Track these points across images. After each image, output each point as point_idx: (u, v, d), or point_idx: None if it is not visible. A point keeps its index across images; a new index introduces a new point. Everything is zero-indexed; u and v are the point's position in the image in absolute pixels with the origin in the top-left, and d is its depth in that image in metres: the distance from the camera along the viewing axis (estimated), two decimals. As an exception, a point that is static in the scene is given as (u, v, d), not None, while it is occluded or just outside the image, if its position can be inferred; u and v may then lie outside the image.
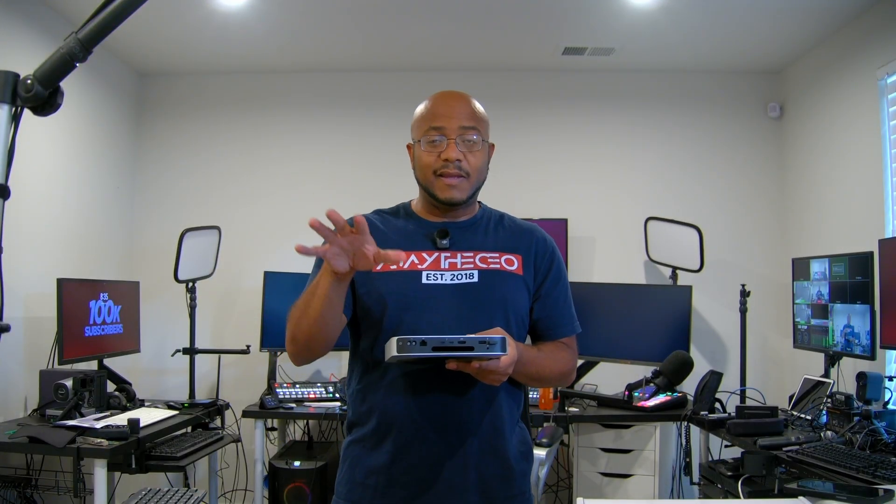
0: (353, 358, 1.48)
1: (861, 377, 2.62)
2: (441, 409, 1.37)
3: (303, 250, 1.20)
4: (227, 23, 3.47)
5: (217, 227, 3.79)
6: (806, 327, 3.16)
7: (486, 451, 1.39)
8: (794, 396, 3.05)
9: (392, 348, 1.22)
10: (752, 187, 4.13)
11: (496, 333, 1.27)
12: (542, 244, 1.52)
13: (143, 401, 3.32)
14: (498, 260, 1.46)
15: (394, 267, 1.40)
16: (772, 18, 3.40)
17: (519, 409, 1.49)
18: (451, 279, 1.42)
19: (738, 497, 2.54)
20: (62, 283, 2.96)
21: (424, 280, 1.41)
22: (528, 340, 1.53)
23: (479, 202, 1.58)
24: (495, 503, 1.40)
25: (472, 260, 1.45)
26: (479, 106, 1.50)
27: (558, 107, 4.22)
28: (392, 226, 1.51)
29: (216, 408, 3.43)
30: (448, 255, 1.45)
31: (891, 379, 2.68)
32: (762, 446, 2.50)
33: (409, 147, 1.53)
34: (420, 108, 1.50)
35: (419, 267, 1.42)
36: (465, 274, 1.42)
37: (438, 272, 1.42)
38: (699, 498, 3.17)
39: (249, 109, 4.25)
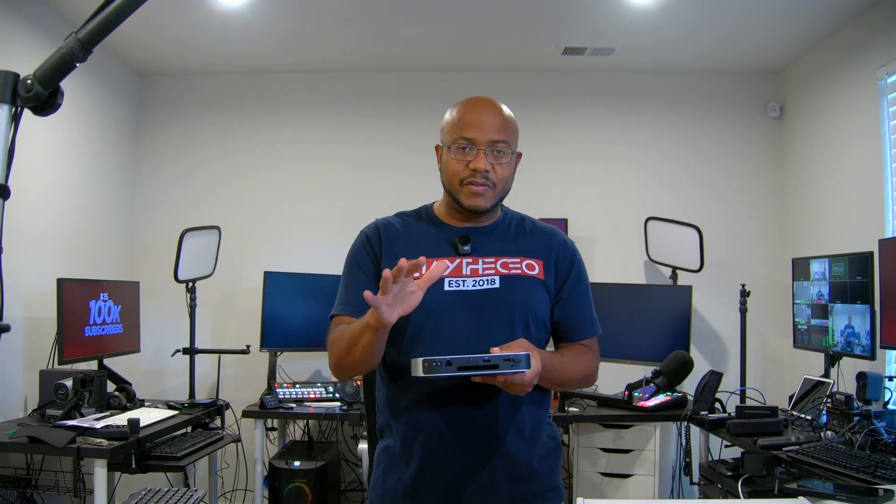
0: (380, 364, 1.49)
1: (861, 377, 2.62)
2: (466, 415, 1.38)
3: (371, 300, 1.22)
4: (227, 23, 3.47)
5: (217, 227, 3.79)
6: (806, 327, 3.16)
7: (512, 456, 1.40)
8: (794, 396, 3.05)
9: (418, 369, 1.23)
10: (752, 187, 4.13)
11: (520, 348, 1.28)
12: (562, 247, 1.53)
13: (143, 401, 3.32)
14: (519, 265, 1.47)
15: (416, 275, 1.41)
16: (772, 18, 3.40)
17: (544, 410, 1.50)
18: (473, 285, 1.42)
19: (738, 497, 2.54)
20: (62, 283, 2.95)
21: (447, 287, 1.42)
22: (550, 345, 1.53)
23: (501, 205, 1.58)
24: (527, 502, 1.42)
25: (493, 266, 1.45)
26: (510, 115, 1.50)
27: (558, 107, 4.22)
28: (414, 230, 1.51)
29: (216, 408, 3.42)
30: (470, 261, 1.45)
31: (891, 379, 2.68)
32: (762, 446, 2.50)
33: (437, 148, 1.53)
34: (452, 114, 1.49)
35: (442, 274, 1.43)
36: (487, 280, 1.43)
37: (460, 279, 1.43)
38: (699, 498, 3.17)
39: (249, 109, 4.25)
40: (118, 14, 1.09)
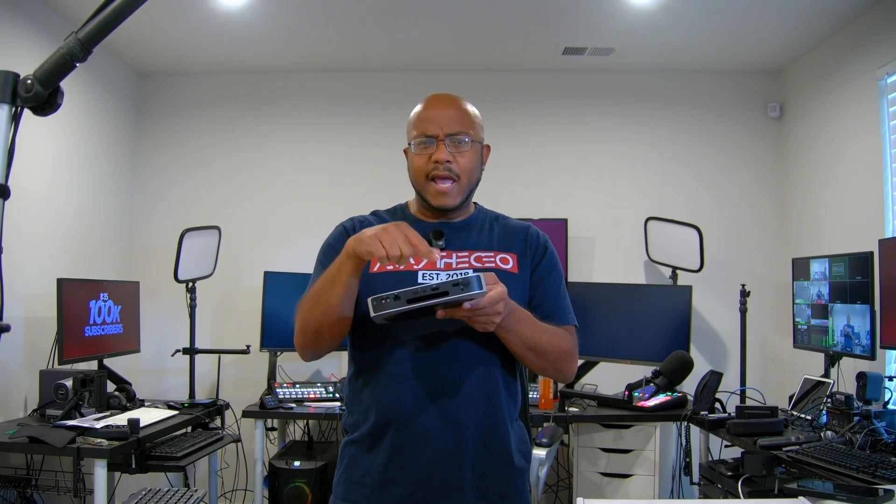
0: (350, 359, 1.50)
1: (861, 377, 2.62)
2: (437, 408, 1.37)
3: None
4: (227, 23, 3.47)
5: (217, 227, 3.79)
6: (806, 327, 3.16)
7: (483, 450, 1.39)
8: (794, 396, 3.05)
9: (370, 309, 1.20)
10: (752, 187, 4.13)
11: (490, 278, 1.24)
12: (534, 238, 1.54)
13: (143, 401, 3.32)
14: (493, 259, 1.47)
15: (390, 267, 1.41)
16: (772, 18, 3.40)
17: (517, 408, 1.49)
18: (447, 278, 1.41)
19: (738, 497, 2.54)
20: (62, 283, 2.95)
21: (420, 279, 1.41)
22: None
23: (475, 203, 1.59)
24: (493, 502, 1.40)
25: (466, 259, 1.46)
26: (470, 107, 1.51)
27: (558, 107, 4.22)
28: None
29: (216, 408, 3.43)
30: (443, 254, 1.46)
31: (891, 379, 2.68)
32: (762, 446, 2.50)
33: (405, 151, 1.55)
34: (412, 113, 1.52)
35: (415, 267, 1.43)
36: (460, 273, 1.42)
37: (434, 271, 1.43)
38: (699, 498, 3.17)
39: (249, 109, 4.25)
40: (118, 14, 1.09)
